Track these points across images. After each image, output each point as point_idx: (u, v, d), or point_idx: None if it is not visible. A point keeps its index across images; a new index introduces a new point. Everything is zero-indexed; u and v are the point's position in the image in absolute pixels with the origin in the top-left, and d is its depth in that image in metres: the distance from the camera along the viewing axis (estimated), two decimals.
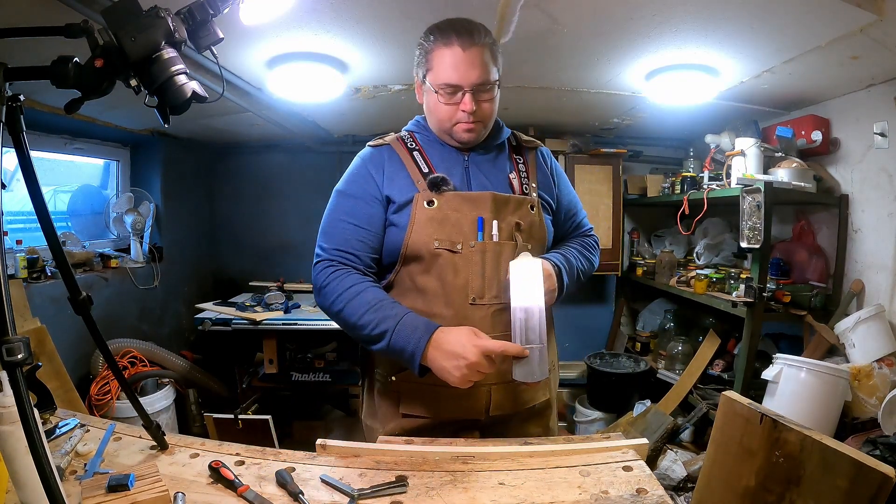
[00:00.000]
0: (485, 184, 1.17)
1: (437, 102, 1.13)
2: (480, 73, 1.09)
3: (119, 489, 0.83)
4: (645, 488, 0.88)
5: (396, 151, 1.19)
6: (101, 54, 0.73)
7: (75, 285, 0.86)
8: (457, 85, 1.10)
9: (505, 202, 1.15)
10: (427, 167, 1.16)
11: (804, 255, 2.35)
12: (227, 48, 1.71)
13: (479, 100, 1.11)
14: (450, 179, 1.14)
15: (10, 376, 0.62)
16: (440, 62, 1.10)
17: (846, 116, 2.23)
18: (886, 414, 1.69)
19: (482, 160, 1.21)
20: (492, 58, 1.11)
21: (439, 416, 1.16)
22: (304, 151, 3.55)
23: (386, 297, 1.09)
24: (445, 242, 1.11)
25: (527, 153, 1.28)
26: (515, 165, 1.24)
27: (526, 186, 1.21)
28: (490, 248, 1.12)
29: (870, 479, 0.89)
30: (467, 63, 1.08)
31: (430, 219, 1.11)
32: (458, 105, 1.11)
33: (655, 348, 3.13)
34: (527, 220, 1.17)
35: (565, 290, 1.18)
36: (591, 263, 1.33)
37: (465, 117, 1.12)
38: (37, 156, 2.54)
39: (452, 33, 1.08)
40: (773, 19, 1.50)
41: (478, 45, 1.08)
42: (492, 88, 1.13)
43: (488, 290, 1.12)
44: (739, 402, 1.18)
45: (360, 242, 1.14)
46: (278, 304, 2.92)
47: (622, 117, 2.87)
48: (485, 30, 1.12)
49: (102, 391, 2.42)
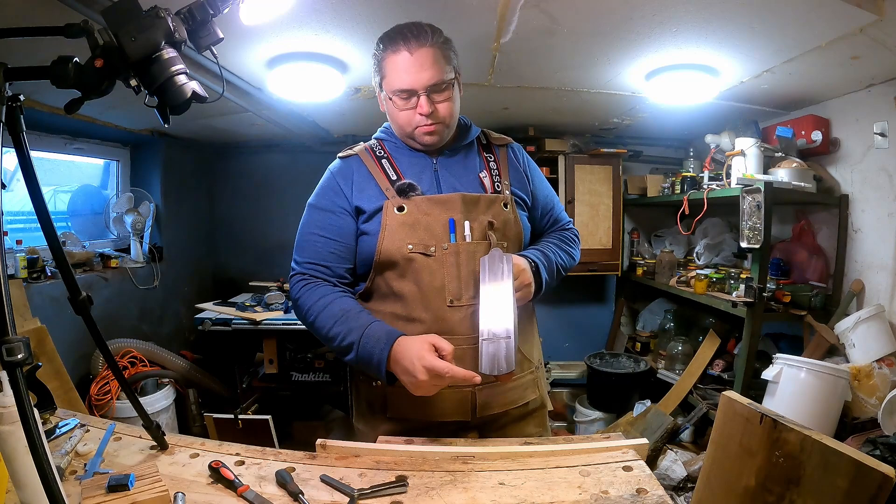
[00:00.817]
0: (455, 185, 1.18)
1: (395, 109, 1.14)
2: (431, 73, 1.08)
3: (119, 489, 0.83)
4: (645, 488, 0.88)
5: (364, 161, 1.20)
6: (101, 54, 0.73)
7: (75, 285, 0.86)
8: (409, 89, 1.09)
9: (475, 202, 1.15)
10: (395, 174, 1.17)
11: (804, 255, 2.36)
12: (227, 48, 1.71)
13: (434, 101, 1.11)
14: (417, 185, 1.15)
15: (10, 376, 0.62)
16: (392, 69, 1.10)
17: (846, 116, 2.23)
18: (886, 414, 1.69)
19: (451, 162, 1.21)
20: (443, 57, 1.10)
21: (426, 418, 1.16)
22: (303, 151, 3.55)
23: (353, 307, 1.09)
24: (419, 246, 1.12)
25: (497, 151, 1.27)
26: (486, 164, 1.23)
27: (498, 184, 1.21)
28: (463, 248, 1.12)
29: (870, 479, 0.89)
30: (417, 66, 1.08)
31: (402, 224, 1.12)
32: (414, 109, 1.11)
33: (655, 348, 3.13)
34: (500, 219, 1.17)
35: (544, 285, 1.17)
36: (572, 257, 1.31)
37: (423, 120, 1.12)
38: (37, 156, 2.54)
39: (399, 39, 1.09)
40: (774, 19, 1.50)
41: (425, 46, 1.08)
42: (447, 88, 1.12)
43: (465, 291, 1.12)
44: (739, 402, 1.18)
45: (331, 254, 1.16)
46: (278, 304, 2.92)
47: (622, 117, 2.87)
48: (433, 30, 1.11)
49: (102, 391, 2.42)
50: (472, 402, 1.15)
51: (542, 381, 1.31)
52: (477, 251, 1.12)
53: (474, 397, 1.15)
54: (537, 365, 1.29)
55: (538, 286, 1.15)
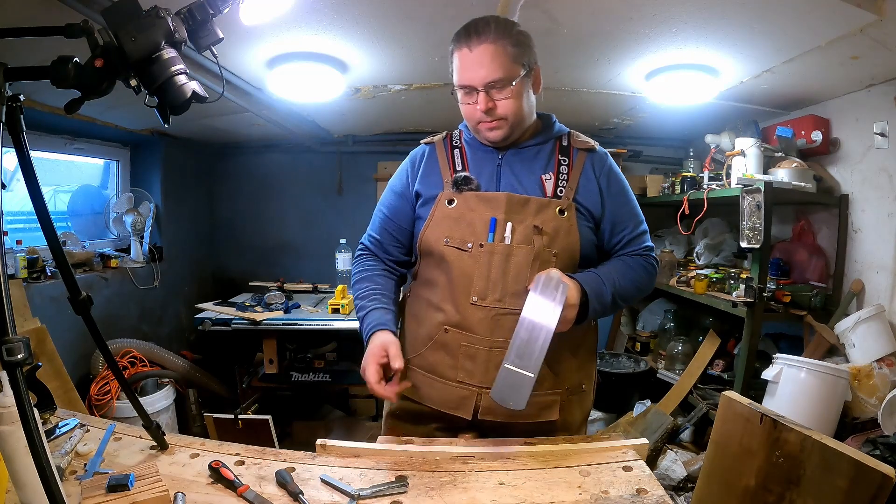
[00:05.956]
0: (513, 184, 1.15)
1: (461, 103, 1.16)
2: (488, 71, 1.07)
3: (119, 489, 0.83)
4: (645, 488, 0.88)
5: (437, 149, 1.24)
6: (101, 54, 0.73)
7: (75, 285, 0.86)
8: (469, 85, 1.10)
9: (523, 203, 1.13)
10: (461, 165, 1.19)
11: (804, 255, 2.35)
12: (227, 48, 1.71)
13: (494, 98, 1.10)
14: (474, 179, 1.16)
15: (10, 376, 0.62)
16: (457, 63, 1.11)
17: (846, 116, 2.23)
18: (886, 414, 1.69)
19: (517, 159, 1.19)
20: (506, 54, 1.08)
21: (431, 403, 1.18)
22: (304, 151, 3.55)
23: (369, 288, 1.22)
24: (456, 241, 1.13)
25: (575, 154, 1.19)
26: (556, 166, 1.17)
27: (561, 189, 1.15)
28: (499, 249, 1.11)
29: (870, 479, 0.89)
30: (475, 62, 1.08)
31: (447, 216, 1.15)
32: (475, 105, 1.11)
33: (655, 348, 3.12)
34: (550, 225, 1.12)
35: (589, 316, 1.10)
36: (638, 288, 1.21)
37: (483, 116, 1.11)
38: (37, 156, 2.54)
39: (464, 34, 1.09)
40: (773, 19, 1.50)
41: (486, 42, 1.07)
42: (507, 85, 1.09)
43: (491, 292, 1.10)
44: (739, 402, 1.18)
45: (385, 231, 1.27)
46: (278, 304, 2.92)
47: (622, 117, 2.87)
48: (499, 26, 1.09)
49: (102, 391, 2.42)
50: (476, 403, 1.14)
51: (573, 406, 1.20)
52: (513, 254, 1.10)
53: (479, 398, 1.13)
54: (571, 388, 1.19)
55: (581, 316, 1.08)
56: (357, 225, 4.27)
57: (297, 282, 3.43)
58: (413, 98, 2.41)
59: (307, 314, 2.83)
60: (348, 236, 3.14)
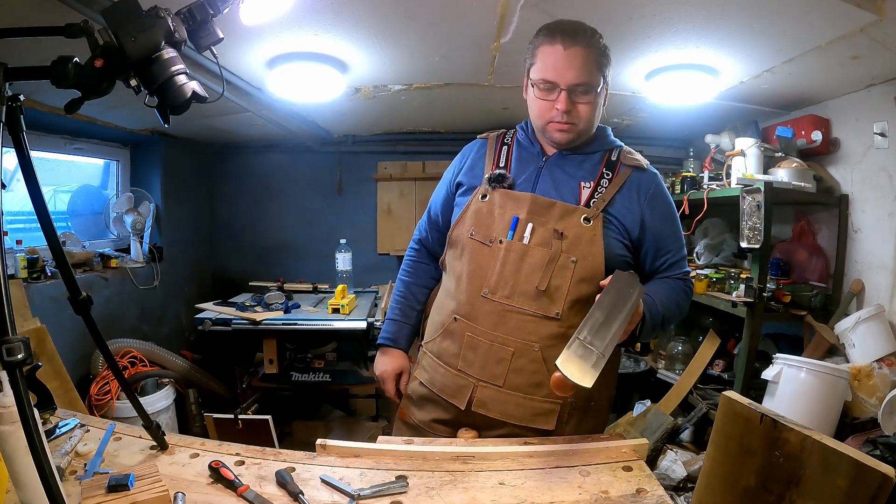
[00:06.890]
0: (549, 188, 1.17)
1: (534, 98, 1.16)
2: (578, 73, 1.09)
3: (119, 489, 0.83)
4: (645, 488, 0.88)
5: (487, 144, 1.29)
6: (101, 54, 0.73)
7: (75, 285, 0.86)
8: (553, 82, 1.10)
9: (548, 207, 1.14)
10: (504, 162, 1.22)
11: (804, 255, 2.35)
12: (227, 48, 1.71)
13: (575, 101, 1.11)
14: (509, 177, 1.18)
15: (10, 376, 0.62)
16: (542, 58, 1.12)
17: (846, 116, 2.23)
18: (886, 414, 1.69)
19: (559, 164, 1.19)
20: (595, 62, 1.10)
21: (433, 388, 1.23)
22: (304, 151, 3.55)
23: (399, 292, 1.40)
24: (480, 235, 1.17)
25: (621, 170, 1.18)
26: (598, 177, 1.17)
27: (595, 200, 1.15)
28: (516, 248, 1.13)
29: (870, 479, 0.88)
30: (567, 61, 1.09)
31: (477, 210, 1.18)
32: (552, 102, 1.12)
33: (655, 348, 3.12)
34: (573, 231, 1.12)
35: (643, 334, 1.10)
36: (680, 310, 1.22)
37: (559, 116, 1.12)
38: (37, 156, 2.54)
39: (558, 32, 1.10)
40: (774, 19, 1.50)
41: (580, 46, 1.08)
42: (589, 91, 1.11)
43: (502, 288, 1.13)
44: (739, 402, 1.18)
45: (429, 222, 1.39)
46: (278, 304, 2.91)
47: (622, 117, 2.87)
48: (594, 33, 1.11)
49: (102, 391, 2.42)
50: (471, 395, 1.15)
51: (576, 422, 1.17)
52: (529, 254, 1.12)
53: (475, 390, 1.15)
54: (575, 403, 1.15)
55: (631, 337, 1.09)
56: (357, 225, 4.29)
57: (297, 282, 3.43)
58: (413, 98, 2.41)
59: (307, 314, 2.83)
60: (348, 236, 3.14)
